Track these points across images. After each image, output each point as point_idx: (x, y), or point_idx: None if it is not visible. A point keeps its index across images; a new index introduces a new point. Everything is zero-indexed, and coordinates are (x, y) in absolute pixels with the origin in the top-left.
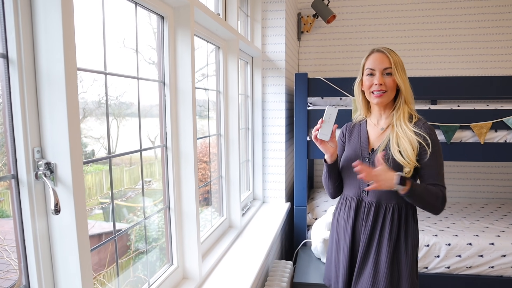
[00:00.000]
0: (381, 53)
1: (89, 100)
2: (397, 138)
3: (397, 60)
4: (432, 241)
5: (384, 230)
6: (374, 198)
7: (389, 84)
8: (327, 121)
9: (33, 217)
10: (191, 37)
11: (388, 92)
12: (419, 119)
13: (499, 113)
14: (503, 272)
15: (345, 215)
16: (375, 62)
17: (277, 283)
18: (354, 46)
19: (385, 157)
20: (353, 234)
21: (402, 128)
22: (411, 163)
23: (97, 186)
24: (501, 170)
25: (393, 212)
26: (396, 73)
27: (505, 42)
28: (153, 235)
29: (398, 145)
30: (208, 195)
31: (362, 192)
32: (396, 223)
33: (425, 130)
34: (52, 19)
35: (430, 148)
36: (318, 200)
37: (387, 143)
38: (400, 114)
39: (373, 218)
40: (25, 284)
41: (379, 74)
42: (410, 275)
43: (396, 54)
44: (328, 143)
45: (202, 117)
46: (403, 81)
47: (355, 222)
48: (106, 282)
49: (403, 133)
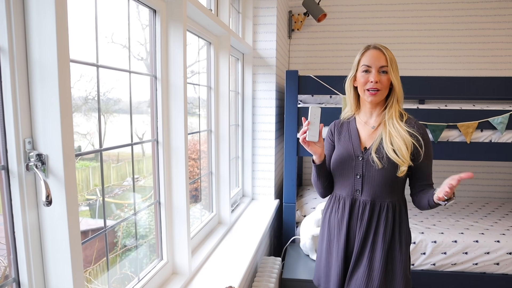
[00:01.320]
0: (378, 50)
1: (75, 95)
2: (390, 136)
3: (393, 58)
4: (418, 239)
5: (379, 228)
6: (368, 197)
7: (384, 83)
8: (313, 122)
9: (23, 208)
10: (183, 32)
11: (382, 90)
12: (409, 118)
13: (485, 113)
14: (486, 269)
15: (339, 215)
16: (372, 59)
17: (266, 279)
18: (344, 45)
19: (379, 156)
20: (348, 234)
21: (394, 127)
22: (405, 161)
23: (84, 183)
24: (486, 170)
25: (388, 210)
26: (391, 72)
27: (492, 44)
28: (140, 231)
29: (392, 143)
30: (197, 193)
31: (355, 191)
32: (390, 221)
33: (418, 130)
34: (45, 6)
35: (423, 149)
36: (307, 197)
37: (380, 142)
38: (392, 113)
39: (368, 217)
40: (14, 276)
41: (375, 72)
42: (404, 271)
43: (391, 52)
44: (316, 144)
45: (191, 114)
46: (397, 79)
47: (349, 222)
48: (92, 279)
49: (396, 132)
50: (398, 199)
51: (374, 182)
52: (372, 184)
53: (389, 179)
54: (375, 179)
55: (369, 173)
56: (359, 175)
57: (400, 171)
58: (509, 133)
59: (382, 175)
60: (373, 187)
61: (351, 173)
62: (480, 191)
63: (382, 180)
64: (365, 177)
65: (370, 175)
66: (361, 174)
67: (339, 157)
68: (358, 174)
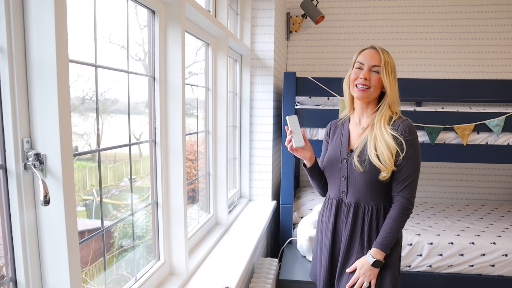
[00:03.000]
0: (374, 50)
1: (73, 95)
2: (374, 140)
3: (388, 61)
4: (415, 240)
5: (364, 230)
6: (353, 198)
7: (374, 81)
8: (294, 129)
9: (21, 208)
10: (181, 33)
11: (371, 89)
12: (399, 118)
13: (481, 115)
14: (482, 271)
15: (327, 215)
16: (366, 57)
17: (263, 280)
18: (342, 46)
19: (361, 159)
20: (334, 233)
21: (380, 130)
22: (388, 167)
23: (80, 183)
24: (482, 172)
25: (372, 213)
26: (383, 73)
27: (488, 47)
28: (137, 232)
29: (376, 148)
30: (194, 194)
31: (341, 193)
32: (375, 223)
33: (400, 131)
34: (44, 6)
35: (403, 152)
36: (304, 198)
37: (364, 145)
38: (382, 117)
39: (352, 218)
40: (11, 276)
41: (366, 69)
42: (393, 273)
43: (390, 56)
44: (304, 149)
45: (189, 115)
46: (390, 83)
47: (335, 222)
48: (89, 279)
49: (381, 136)
50: (384, 202)
51: (358, 185)
52: (356, 186)
53: (371, 182)
54: (358, 182)
55: (352, 175)
56: (344, 177)
57: (381, 176)
58: (505, 135)
59: (364, 178)
60: (357, 189)
61: (338, 175)
62: (476, 193)
63: (364, 183)
64: (349, 179)
65: (353, 178)
66: (346, 176)
67: (328, 158)
68: (343, 176)
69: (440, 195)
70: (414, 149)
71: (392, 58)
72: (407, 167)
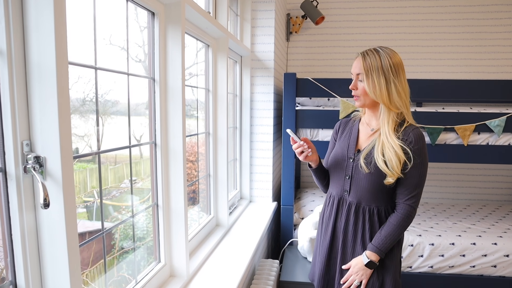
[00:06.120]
0: (358, 57)
1: (73, 97)
2: (382, 146)
3: (372, 64)
4: (416, 241)
5: (365, 230)
6: (355, 198)
7: (360, 90)
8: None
9: (21, 211)
10: (181, 34)
11: (360, 97)
12: (410, 125)
13: (482, 116)
14: (484, 272)
15: (328, 212)
16: (353, 66)
17: (264, 281)
18: (342, 47)
19: (367, 161)
20: (334, 232)
21: (387, 137)
22: (395, 174)
23: (81, 185)
24: (483, 172)
25: (373, 215)
26: (364, 79)
27: (489, 47)
28: (138, 234)
29: (384, 154)
30: (194, 195)
31: (344, 192)
32: (377, 224)
33: (410, 140)
34: (43, 8)
35: (411, 162)
36: (305, 200)
37: (372, 148)
38: (384, 121)
39: (353, 218)
40: (11, 279)
41: (354, 79)
42: (393, 274)
43: (378, 57)
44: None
45: (189, 116)
46: (373, 87)
47: (336, 220)
48: (90, 281)
49: (389, 144)
50: (385, 205)
51: (361, 186)
52: (359, 186)
53: (375, 185)
54: (362, 183)
55: (357, 175)
56: (348, 176)
57: (387, 181)
58: (506, 136)
59: (369, 180)
60: (360, 190)
61: (342, 173)
62: (477, 194)
63: (368, 184)
64: (353, 179)
65: (358, 178)
66: (350, 175)
67: (334, 156)
68: (348, 175)
69: (441, 195)
70: (422, 158)
71: (386, 57)
72: (415, 176)
